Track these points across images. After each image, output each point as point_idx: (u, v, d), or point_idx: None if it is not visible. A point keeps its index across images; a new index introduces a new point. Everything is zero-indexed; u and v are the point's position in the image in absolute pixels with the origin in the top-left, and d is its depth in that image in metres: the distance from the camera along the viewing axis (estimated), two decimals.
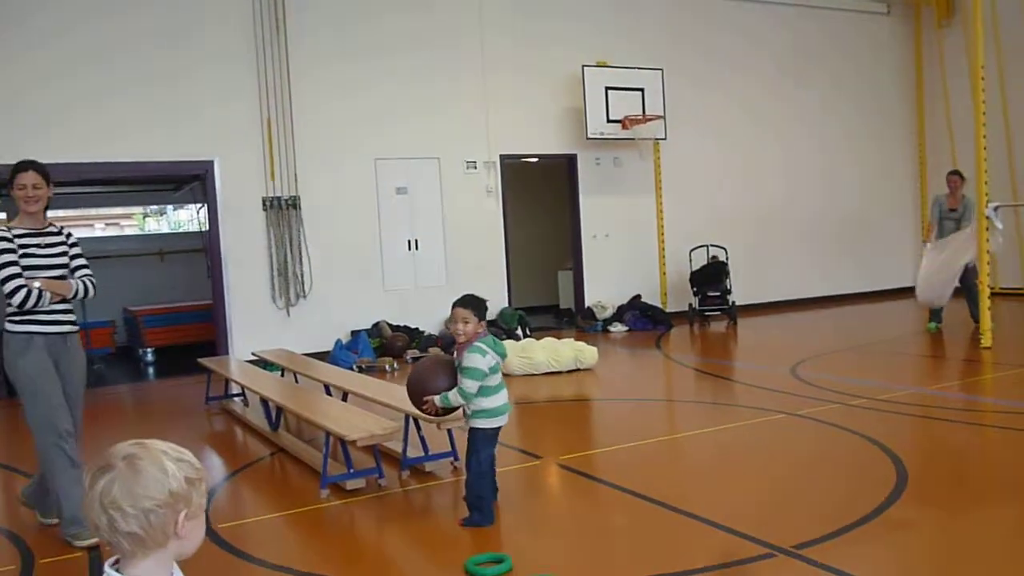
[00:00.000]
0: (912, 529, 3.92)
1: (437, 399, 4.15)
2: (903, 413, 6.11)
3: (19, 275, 4.25)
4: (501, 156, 11.48)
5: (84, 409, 4.52)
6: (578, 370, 8.59)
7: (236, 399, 7.76)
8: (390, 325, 10.48)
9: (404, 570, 3.89)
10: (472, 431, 4.22)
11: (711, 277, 11.88)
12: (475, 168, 11.33)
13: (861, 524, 3.89)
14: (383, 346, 10.11)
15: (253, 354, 8.73)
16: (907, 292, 13.03)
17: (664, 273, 12.61)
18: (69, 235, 4.56)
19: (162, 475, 1.56)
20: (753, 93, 13.19)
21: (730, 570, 3.50)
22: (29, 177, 4.33)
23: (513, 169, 12.08)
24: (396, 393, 5.76)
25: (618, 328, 11.56)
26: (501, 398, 4.20)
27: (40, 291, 4.26)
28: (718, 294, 11.83)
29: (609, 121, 11.62)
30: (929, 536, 3.85)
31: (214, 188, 9.84)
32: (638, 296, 12.11)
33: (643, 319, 11.67)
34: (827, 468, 5.00)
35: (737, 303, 11.90)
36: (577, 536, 4.10)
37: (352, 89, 10.49)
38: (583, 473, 5.08)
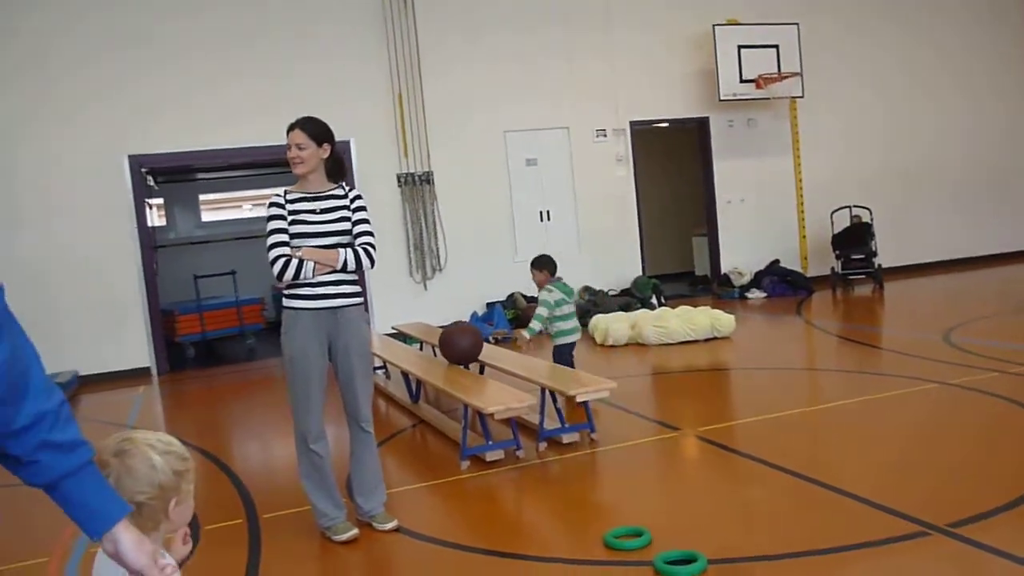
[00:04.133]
0: None
1: (526, 332, 6.05)
2: None
3: (285, 243, 3.84)
4: (631, 123, 11.33)
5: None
6: (715, 338, 8.43)
7: (378, 371, 8.02)
8: (524, 296, 10.58)
9: (543, 541, 3.94)
10: (555, 347, 6.25)
11: (854, 239, 11.39)
12: (605, 136, 11.22)
13: (1022, 502, 3.68)
14: (518, 317, 10.22)
15: (392, 327, 8.99)
16: None
17: (804, 236, 12.17)
18: (357, 197, 4.05)
19: (151, 470, 1.66)
20: (895, 44, 12.46)
21: (880, 549, 3.37)
22: (292, 136, 3.92)
23: (643, 135, 11.89)
24: (532, 365, 5.83)
25: (756, 294, 11.27)
26: (569, 324, 6.21)
27: (301, 261, 3.80)
28: (862, 257, 11.33)
29: (742, 81, 11.26)
30: None
31: (351, 167, 10.15)
32: (776, 261, 11.74)
33: (782, 284, 11.33)
34: (985, 442, 4.73)
35: (883, 266, 11.37)
36: (718, 511, 4.04)
37: (480, 63, 10.56)
38: (722, 445, 5.00)
